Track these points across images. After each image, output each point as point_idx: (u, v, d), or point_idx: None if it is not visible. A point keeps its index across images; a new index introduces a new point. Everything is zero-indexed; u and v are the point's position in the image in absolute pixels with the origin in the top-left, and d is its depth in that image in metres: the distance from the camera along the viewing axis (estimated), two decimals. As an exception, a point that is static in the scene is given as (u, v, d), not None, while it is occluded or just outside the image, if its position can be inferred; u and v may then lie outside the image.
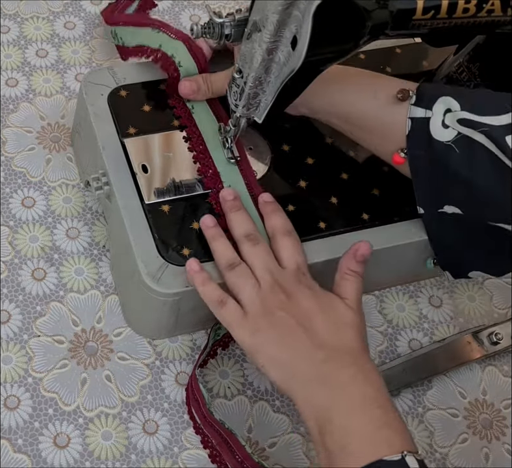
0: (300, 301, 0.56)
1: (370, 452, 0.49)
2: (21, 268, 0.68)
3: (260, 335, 0.54)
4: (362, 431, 0.50)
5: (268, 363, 0.54)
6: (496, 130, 0.53)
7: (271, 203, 0.62)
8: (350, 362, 0.53)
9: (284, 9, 0.47)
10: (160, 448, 0.62)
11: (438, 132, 0.56)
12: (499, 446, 0.66)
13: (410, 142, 0.58)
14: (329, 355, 0.53)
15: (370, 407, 0.51)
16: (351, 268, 0.58)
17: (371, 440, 0.49)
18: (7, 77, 0.79)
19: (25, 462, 0.60)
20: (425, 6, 0.53)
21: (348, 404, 0.51)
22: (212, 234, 0.60)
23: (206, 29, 0.56)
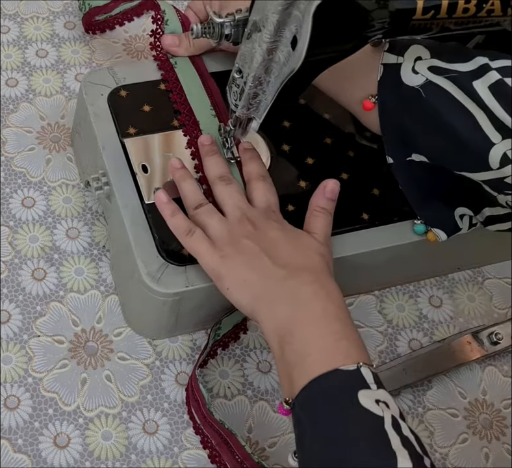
0: (267, 232, 0.57)
1: (328, 361, 0.50)
2: (21, 268, 0.68)
3: (226, 260, 0.56)
4: (322, 342, 0.51)
5: (233, 286, 0.56)
6: (463, 75, 0.55)
7: (250, 150, 0.64)
8: (312, 279, 0.54)
9: (284, 9, 0.47)
10: (160, 448, 0.62)
11: (408, 78, 0.58)
12: (499, 446, 0.66)
13: (381, 87, 0.59)
14: (291, 272, 0.55)
15: (330, 321, 0.52)
16: (320, 204, 0.60)
17: (330, 351, 0.51)
18: (7, 77, 0.79)
19: (25, 462, 0.60)
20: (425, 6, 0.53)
21: (309, 317, 0.53)
22: (180, 175, 0.61)
23: (206, 29, 0.56)
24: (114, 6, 0.80)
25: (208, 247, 0.57)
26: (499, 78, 0.53)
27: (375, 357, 0.69)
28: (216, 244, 0.57)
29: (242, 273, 0.56)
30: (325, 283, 0.55)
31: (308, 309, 0.53)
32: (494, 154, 0.54)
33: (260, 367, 0.67)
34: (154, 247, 0.60)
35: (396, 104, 0.59)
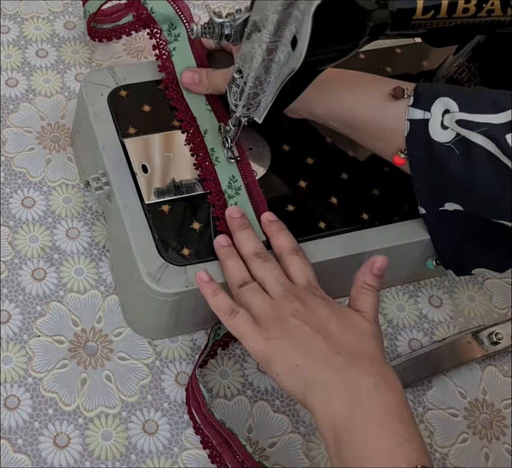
0: (315, 309, 0.54)
1: (386, 465, 0.47)
2: (21, 268, 0.68)
3: (274, 342, 0.52)
4: (382, 445, 0.48)
5: (283, 371, 0.52)
6: (495, 128, 0.53)
7: (276, 221, 0.61)
8: (373, 369, 0.51)
9: (284, 9, 0.47)
10: (160, 448, 0.62)
11: (437, 134, 0.57)
12: (500, 446, 0.66)
13: (410, 143, 0.58)
14: (351, 359, 0.51)
15: (392, 421, 0.48)
16: (368, 282, 0.56)
17: (390, 456, 0.47)
18: (7, 77, 0.79)
19: (24, 462, 0.60)
20: (425, 6, 0.53)
21: (369, 414, 0.49)
22: (227, 254, 0.59)
23: (206, 29, 0.56)
24: (122, 16, 0.80)
25: (253, 328, 0.53)
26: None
27: (375, 357, 0.69)
28: (261, 324, 0.53)
29: (293, 357, 0.51)
30: (386, 374, 0.51)
31: (368, 404, 0.49)
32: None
33: (260, 367, 0.67)
34: (154, 248, 0.60)
35: (426, 159, 0.58)
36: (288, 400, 0.65)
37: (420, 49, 0.76)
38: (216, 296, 0.56)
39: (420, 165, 0.59)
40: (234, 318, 0.55)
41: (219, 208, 0.62)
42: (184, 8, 0.67)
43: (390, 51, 0.76)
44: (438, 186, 0.59)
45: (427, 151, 0.58)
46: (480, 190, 0.56)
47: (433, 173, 0.58)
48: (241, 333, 0.54)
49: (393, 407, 0.49)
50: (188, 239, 0.61)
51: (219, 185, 0.63)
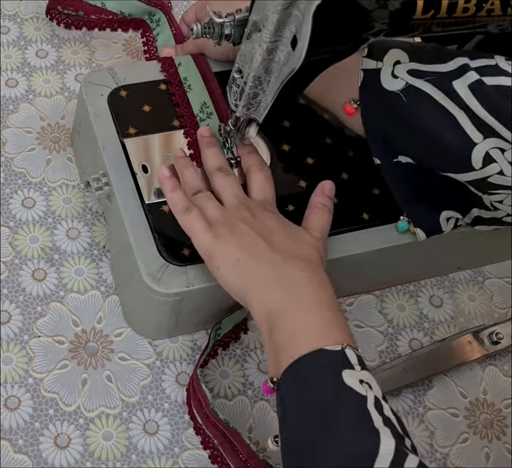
0: (263, 220, 0.57)
1: (314, 344, 0.50)
2: (21, 268, 0.68)
3: (220, 240, 0.56)
4: (311, 327, 0.51)
5: (224, 265, 0.55)
6: (443, 76, 0.55)
7: (249, 145, 0.64)
8: (308, 268, 0.54)
9: (284, 9, 0.47)
10: (161, 448, 0.62)
11: (388, 83, 0.58)
12: (500, 446, 0.66)
13: (363, 92, 0.60)
14: (286, 258, 0.54)
15: (321, 308, 0.52)
16: (320, 201, 0.61)
17: (318, 335, 0.51)
18: (7, 77, 0.79)
19: (25, 462, 0.60)
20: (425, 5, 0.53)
21: (301, 302, 0.52)
22: (182, 163, 0.62)
23: (206, 29, 0.56)
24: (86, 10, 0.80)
25: (204, 226, 0.57)
26: (478, 78, 0.54)
27: (375, 357, 0.69)
28: (212, 225, 0.57)
29: (236, 253, 0.55)
30: (319, 272, 0.55)
31: (301, 294, 0.53)
32: (476, 154, 0.55)
33: (260, 367, 0.67)
34: (154, 248, 0.60)
35: (378, 108, 0.60)
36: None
37: (420, 49, 0.76)
38: (174, 191, 0.59)
39: (371, 114, 0.60)
40: (188, 215, 0.57)
41: None
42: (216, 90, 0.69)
43: (390, 51, 0.76)
44: (389, 137, 0.60)
45: (379, 100, 0.59)
46: (428, 138, 0.57)
47: (384, 123, 0.60)
48: (192, 229, 0.57)
49: (323, 298, 0.53)
50: (188, 239, 0.61)
51: None
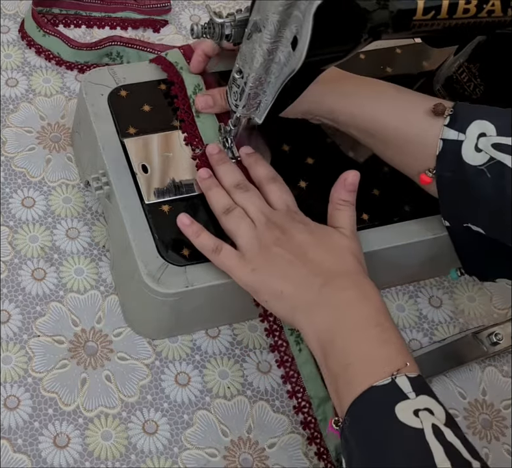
0: (294, 235, 0.57)
1: (369, 371, 0.49)
2: (21, 268, 0.68)
3: (259, 272, 0.56)
4: (361, 350, 0.51)
5: (270, 298, 0.55)
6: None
7: (253, 154, 0.64)
8: (349, 284, 0.54)
9: (284, 9, 0.47)
10: (160, 448, 0.62)
11: (470, 156, 0.56)
12: (499, 447, 0.66)
13: (440, 163, 0.57)
14: (327, 279, 0.54)
15: (368, 327, 0.52)
16: (342, 197, 0.59)
17: (370, 359, 0.50)
18: (7, 77, 0.79)
19: (24, 462, 0.60)
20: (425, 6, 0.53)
21: (347, 325, 0.52)
22: (208, 185, 0.61)
23: (207, 29, 0.56)
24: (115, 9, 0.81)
25: (238, 261, 0.57)
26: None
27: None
28: (245, 256, 0.57)
29: (277, 285, 0.55)
30: (361, 285, 0.54)
31: (346, 316, 0.52)
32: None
33: (259, 367, 0.67)
34: (154, 248, 0.60)
35: (456, 181, 0.57)
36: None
37: (420, 49, 0.76)
38: (199, 236, 0.59)
39: (447, 185, 0.58)
40: (219, 255, 0.58)
41: None
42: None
43: (390, 51, 0.76)
44: (463, 208, 0.58)
45: (457, 172, 0.56)
46: (505, 215, 0.55)
47: (460, 194, 0.58)
48: (228, 268, 0.58)
49: (369, 315, 0.52)
50: (188, 239, 0.61)
51: None
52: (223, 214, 0.60)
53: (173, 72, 0.67)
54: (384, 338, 0.51)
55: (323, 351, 0.52)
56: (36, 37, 0.79)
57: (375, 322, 0.52)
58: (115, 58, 0.80)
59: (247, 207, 0.59)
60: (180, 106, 0.66)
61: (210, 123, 0.65)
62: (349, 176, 0.60)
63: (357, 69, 0.64)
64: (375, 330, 0.51)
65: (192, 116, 0.66)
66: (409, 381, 0.48)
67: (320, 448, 0.62)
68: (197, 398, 0.64)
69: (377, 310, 0.53)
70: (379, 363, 0.50)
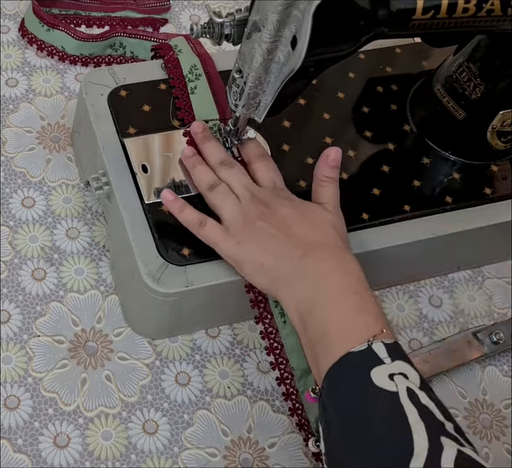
0: (278, 210, 0.57)
1: (346, 338, 0.50)
2: (21, 268, 0.68)
3: (243, 245, 0.57)
4: (339, 318, 0.51)
5: (252, 270, 0.56)
6: None
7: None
8: (328, 255, 0.54)
9: (284, 9, 0.47)
10: (160, 448, 0.62)
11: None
12: (500, 446, 0.66)
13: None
14: (307, 251, 0.55)
15: (347, 296, 0.52)
16: (325, 174, 0.60)
17: (348, 326, 0.51)
18: (7, 77, 0.79)
19: (24, 462, 0.60)
20: (425, 6, 0.53)
21: (326, 294, 0.53)
22: (192, 163, 0.62)
23: (206, 29, 0.56)
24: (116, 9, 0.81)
25: (223, 234, 0.58)
26: None
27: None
28: (230, 230, 0.58)
29: (259, 258, 0.56)
30: (341, 256, 0.55)
31: (324, 286, 0.53)
32: None
33: (260, 367, 0.67)
34: (154, 247, 0.60)
35: None
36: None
37: (420, 49, 0.76)
38: (183, 211, 0.60)
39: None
40: (204, 229, 0.58)
41: None
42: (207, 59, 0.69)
43: (390, 51, 0.76)
44: None
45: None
46: None
47: None
48: (213, 241, 0.58)
49: (347, 285, 0.53)
50: (188, 239, 0.61)
51: None
52: (207, 190, 0.60)
53: (170, 54, 0.68)
54: (362, 306, 0.52)
55: (302, 322, 0.53)
56: (38, 33, 0.79)
57: (354, 290, 0.52)
58: (117, 48, 0.80)
59: (232, 183, 0.60)
60: (176, 84, 0.66)
61: (205, 100, 0.66)
62: (332, 153, 0.60)
63: (357, 69, 0.64)
64: (353, 298, 0.52)
65: (187, 94, 0.66)
66: (384, 347, 0.49)
67: (301, 420, 0.62)
68: (197, 398, 0.64)
69: (356, 279, 0.53)
70: (357, 329, 0.50)
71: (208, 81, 0.67)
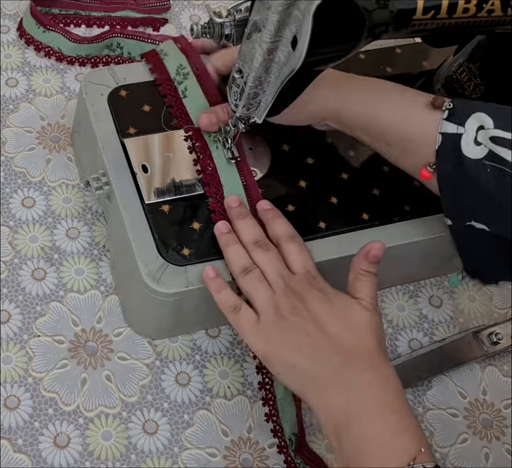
0: (313, 304, 0.55)
1: (384, 460, 0.48)
2: (21, 268, 0.68)
3: (274, 341, 0.54)
4: (378, 437, 0.50)
5: (283, 370, 0.54)
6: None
7: (271, 209, 0.62)
8: (367, 366, 0.52)
9: (284, 9, 0.47)
10: (160, 448, 0.62)
11: (469, 149, 0.55)
12: (500, 446, 0.66)
13: (440, 157, 0.57)
14: (346, 359, 0.52)
15: (386, 413, 0.50)
16: (364, 268, 0.57)
17: (386, 447, 0.49)
18: (7, 77, 0.79)
19: (24, 462, 0.60)
20: (425, 6, 0.53)
21: (364, 409, 0.51)
22: (226, 240, 0.60)
23: (207, 29, 0.56)
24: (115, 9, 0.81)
25: (254, 326, 0.55)
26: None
27: (375, 357, 0.69)
28: (261, 322, 0.55)
29: (291, 359, 0.53)
30: (381, 368, 0.53)
31: (362, 399, 0.51)
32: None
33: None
34: (154, 247, 0.60)
35: (456, 175, 0.56)
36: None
37: (420, 49, 0.76)
38: (220, 292, 0.58)
39: (448, 180, 0.57)
40: (236, 315, 0.56)
41: (216, 202, 0.62)
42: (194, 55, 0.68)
43: (390, 51, 0.76)
44: (465, 203, 0.58)
45: (457, 166, 0.56)
46: (507, 210, 0.54)
47: (461, 188, 0.57)
48: (243, 330, 0.56)
49: (387, 401, 0.51)
50: (188, 239, 0.61)
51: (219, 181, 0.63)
52: (240, 273, 0.58)
53: (157, 62, 0.68)
54: (401, 426, 0.50)
55: (337, 435, 0.51)
56: (35, 34, 0.79)
57: (393, 408, 0.51)
58: (115, 49, 0.80)
59: (266, 268, 0.57)
60: (166, 92, 0.66)
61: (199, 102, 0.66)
62: (374, 248, 0.57)
63: (357, 69, 0.64)
64: (393, 417, 0.50)
65: (180, 100, 0.66)
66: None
67: (276, 426, 0.62)
68: (197, 398, 0.64)
69: (395, 396, 0.51)
70: (396, 451, 0.49)
71: (196, 78, 0.66)
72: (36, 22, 0.78)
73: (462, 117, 0.56)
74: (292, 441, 0.61)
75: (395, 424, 0.50)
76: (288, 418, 0.61)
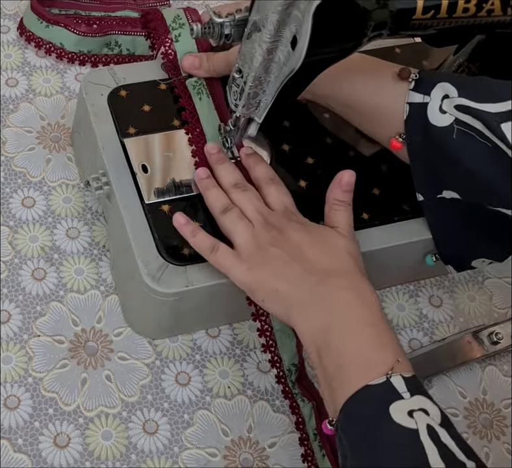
0: (291, 235, 0.57)
1: (363, 372, 0.49)
2: (21, 268, 0.68)
3: (255, 271, 0.56)
4: (356, 352, 0.51)
5: (267, 297, 0.55)
6: (491, 117, 0.54)
7: (252, 154, 0.64)
8: (345, 284, 0.54)
9: (284, 9, 0.47)
10: (160, 447, 0.62)
11: (435, 118, 0.57)
12: (500, 446, 0.66)
13: (408, 127, 0.59)
14: (323, 278, 0.54)
15: (365, 328, 0.51)
16: (338, 198, 0.59)
17: (365, 360, 0.50)
18: (7, 76, 0.79)
19: (25, 462, 0.60)
20: (425, 5, 0.53)
21: (343, 325, 0.52)
22: (205, 185, 0.61)
23: (206, 29, 0.56)
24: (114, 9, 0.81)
25: (235, 260, 0.57)
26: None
27: (375, 357, 0.68)
28: (242, 255, 0.57)
29: (273, 284, 0.55)
30: (358, 285, 0.54)
31: (342, 316, 0.52)
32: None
33: (260, 367, 0.67)
34: (154, 247, 0.60)
35: (424, 143, 0.58)
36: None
37: (420, 49, 0.76)
38: (195, 236, 0.59)
39: (417, 149, 0.59)
40: (216, 254, 0.58)
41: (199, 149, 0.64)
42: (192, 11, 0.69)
43: (390, 51, 0.76)
44: (435, 172, 0.59)
45: (426, 135, 0.58)
46: (477, 175, 0.56)
47: (430, 158, 0.59)
48: (225, 267, 0.57)
49: (365, 317, 0.52)
50: (187, 239, 0.61)
51: None
52: (220, 213, 0.59)
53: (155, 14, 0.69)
54: (379, 338, 0.51)
55: (318, 352, 0.52)
56: (36, 30, 0.79)
57: (371, 323, 0.52)
58: (113, 47, 0.80)
59: (245, 206, 0.59)
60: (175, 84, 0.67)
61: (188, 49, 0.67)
62: (345, 176, 0.59)
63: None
64: (371, 330, 0.51)
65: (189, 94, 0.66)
66: (403, 381, 0.48)
67: (274, 357, 0.62)
68: (197, 398, 0.64)
69: (373, 311, 0.53)
70: (374, 363, 0.50)
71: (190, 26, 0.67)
72: (37, 17, 0.78)
73: (428, 87, 0.58)
74: (291, 371, 0.61)
75: (373, 338, 0.51)
76: (287, 349, 0.61)
